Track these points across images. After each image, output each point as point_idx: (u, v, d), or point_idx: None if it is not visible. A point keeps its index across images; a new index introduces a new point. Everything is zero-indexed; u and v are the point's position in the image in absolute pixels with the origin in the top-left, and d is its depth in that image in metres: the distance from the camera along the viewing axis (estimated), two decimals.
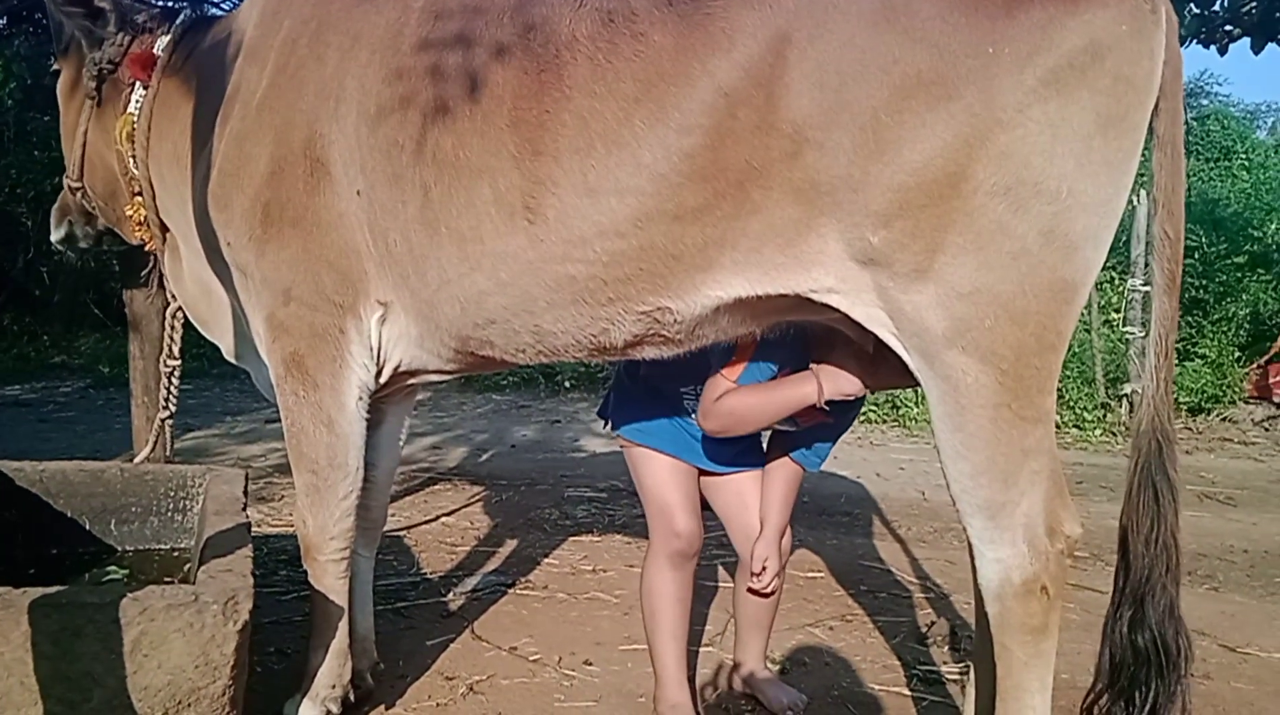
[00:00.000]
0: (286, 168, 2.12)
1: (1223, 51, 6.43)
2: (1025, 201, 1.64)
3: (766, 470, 2.49)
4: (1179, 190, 1.78)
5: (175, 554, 2.77)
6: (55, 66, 2.81)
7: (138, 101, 2.53)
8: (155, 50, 2.55)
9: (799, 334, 2.13)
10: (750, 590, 2.52)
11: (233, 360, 2.61)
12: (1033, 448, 1.73)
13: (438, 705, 2.51)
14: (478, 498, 4.97)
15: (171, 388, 2.79)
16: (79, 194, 2.76)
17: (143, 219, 2.60)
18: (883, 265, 1.73)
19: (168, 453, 3.01)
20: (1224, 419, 8.23)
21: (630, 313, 1.94)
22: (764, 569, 2.43)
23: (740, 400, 2.20)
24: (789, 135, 1.71)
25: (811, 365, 2.17)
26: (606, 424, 2.55)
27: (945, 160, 1.65)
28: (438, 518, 4.50)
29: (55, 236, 2.93)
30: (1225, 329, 8.87)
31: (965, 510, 1.80)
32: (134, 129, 2.52)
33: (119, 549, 2.77)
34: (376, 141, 2.03)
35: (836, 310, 1.83)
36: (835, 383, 2.13)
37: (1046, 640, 1.78)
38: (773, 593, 2.52)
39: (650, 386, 2.39)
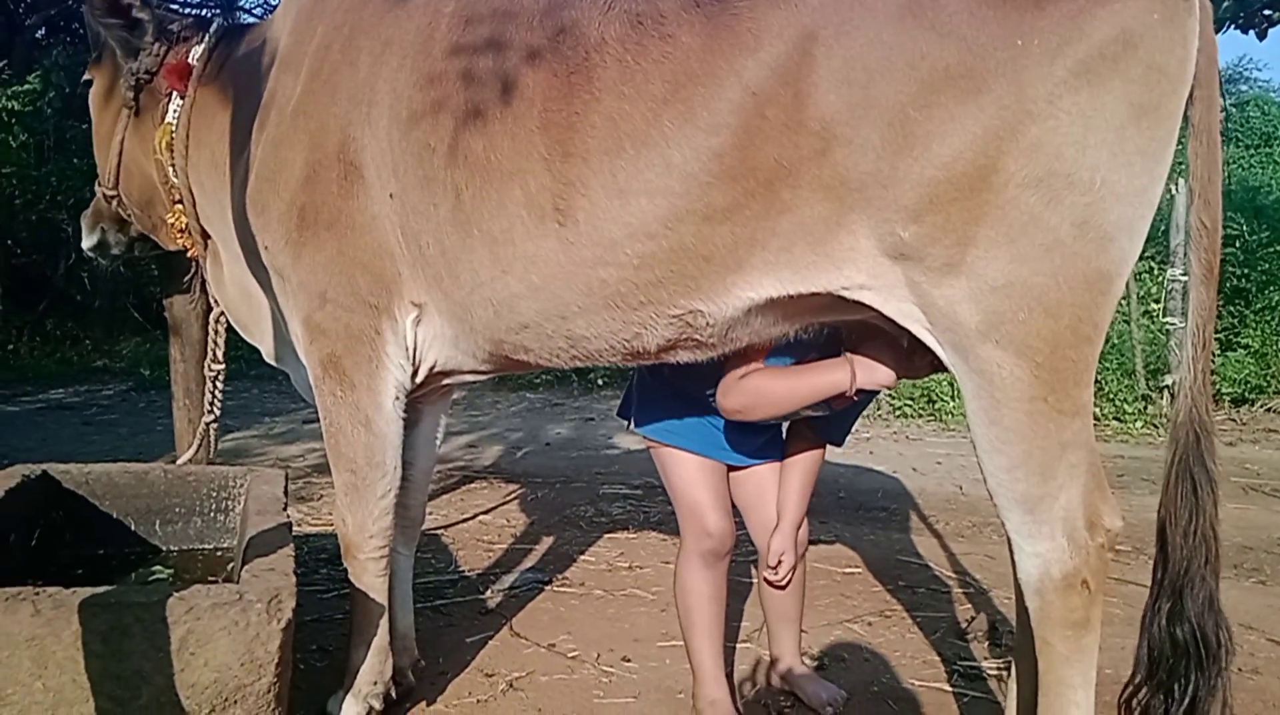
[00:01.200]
0: (321, 172, 2.15)
1: (1261, 36, 6.32)
2: (1058, 193, 1.62)
3: (784, 463, 2.49)
4: (1215, 179, 1.76)
5: (218, 554, 2.82)
6: (87, 76, 2.86)
7: (175, 111, 2.57)
8: (190, 60, 2.59)
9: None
10: (766, 582, 2.52)
11: (273, 362, 2.65)
12: (1070, 441, 1.71)
13: (478, 701, 2.53)
14: (514, 496, 5.00)
15: (216, 392, 2.83)
16: (114, 202, 2.80)
17: (184, 226, 2.65)
18: (914, 260, 1.72)
19: (211, 455, 3.05)
20: (1268, 410, 8.07)
21: (662, 316, 1.94)
22: (780, 561, 2.43)
23: (767, 381, 2.15)
24: (817, 133, 1.71)
25: (845, 353, 2.14)
26: (629, 424, 2.55)
27: (975, 154, 1.64)
28: (475, 516, 4.53)
29: (87, 243, 2.97)
30: (1268, 318, 8.69)
31: (1003, 505, 1.78)
32: (173, 138, 2.56)
33: (164, 549, 2.82)
34: (408, 145, 2.05)
35: (869, 307, 1.82)
36: (871, 373, 2.09)
37: (1088, 635, 1.76)
38: (788, 584, 2.50)
39: (673, 386, 2.39)
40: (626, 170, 1.83)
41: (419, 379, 2.26)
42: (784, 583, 2.50)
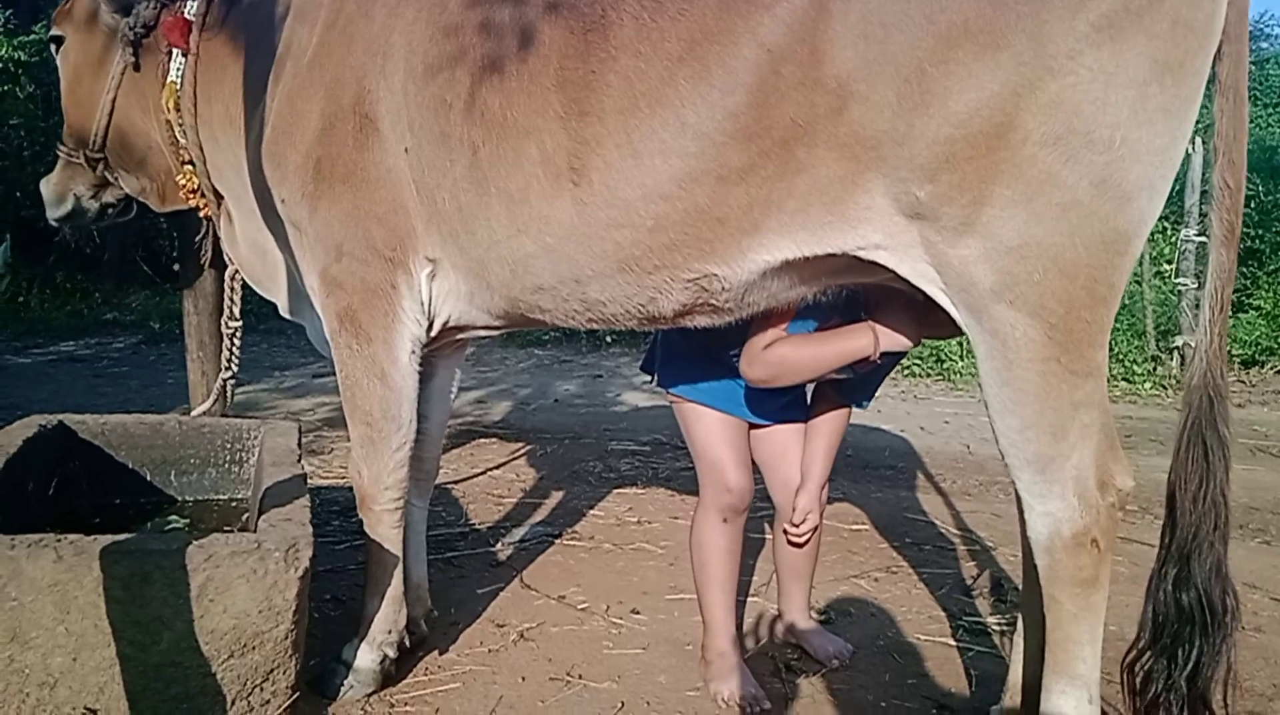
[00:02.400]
0: (337, 124, 2.14)
1: None
2: (1076, 151, 1.59)
3: (811, 423, 2.49)
4: (1241, 138, 1.72)
5: (233, 504, 2.85)
6: (55, 31, 2.74)
7: (178, 69, 2.52)
8: (186, 14, 2.53)
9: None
10: (786, 539, 2.55)
11: (288, 316, 2.65)
12: (1083, 401, 1.71)
13: (489, 651, 2.57)
14: (523, 451, 5.03)
15: (234, 349, 2.84)
16: (98, 165, 2.74)
17: (195, 187, 2.62)
18: (930, 220, 1.70)
19: (226, 410, 3.08)
20: (1278, 372, 8.06)
21: (677, 280, 1.93)
22: (804, 520, 2.45)
23: (793, 350, 2.16)
24: (833, 90, 1.68)
25: (866, 318, 2.14)
26: (652, 378, 2.56)
27: (993, 111, 1.61)
28: (486, 471, 4.57)
29: (56, 214, 2.86)
30: None
31: (1014, 464, 1.78)
32: (179, 97, 2.52)
33: (179, 499, 2.86)
34: (424, 99, 2.03)
35: (884, 268, 1.80)
36: (892, 337, 2.09)
37: (1096, 593, 1.77)
38: (806, 541, 2.53)
39: (699, 344, 2.39)
40: (641, 130, 1.82)
41: (433, 333, 2.27)
42: (804, 541, 2.52)
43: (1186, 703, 1.74)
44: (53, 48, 2.81)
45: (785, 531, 2.53)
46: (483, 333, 2.37)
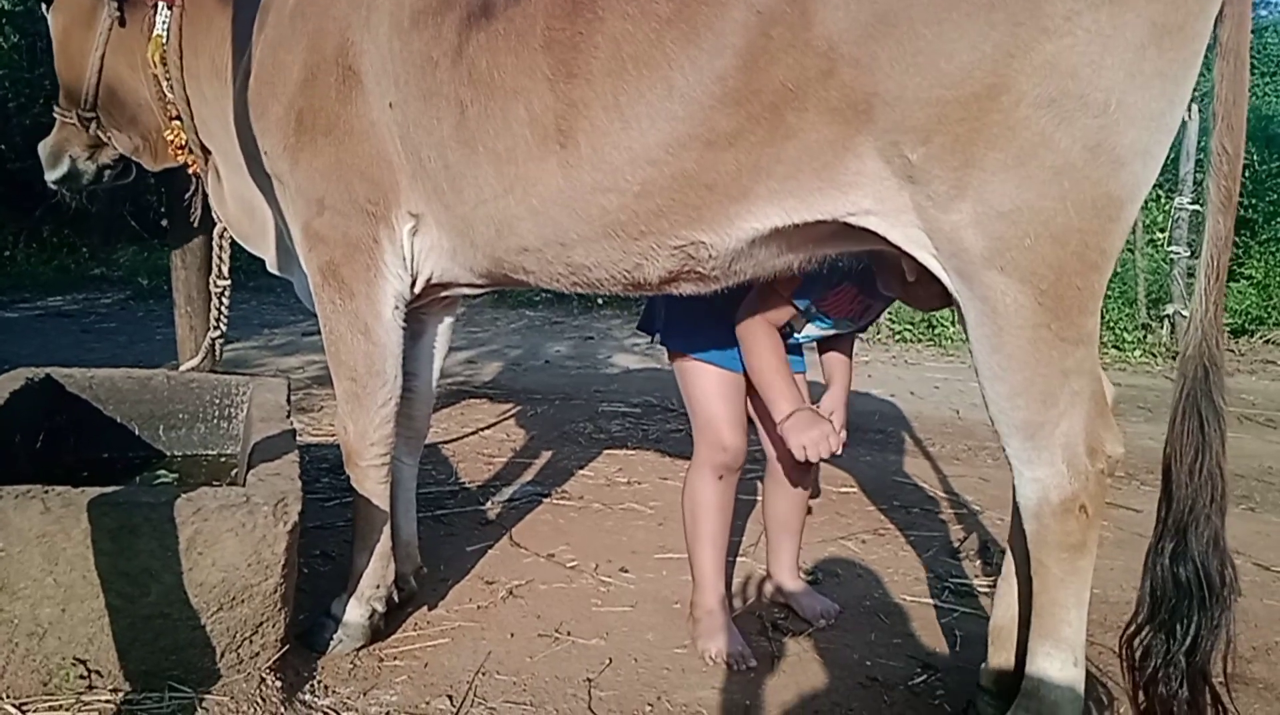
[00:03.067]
0: (319, 75, 2.11)
1: None
2: (1070, 114, 1.56)
3: (824, 342, 2.55)
4: (1241, 103, 1.69)
5: (222, 459, 2.85)
6: None
7: (164, 22, 2.50)
8: None
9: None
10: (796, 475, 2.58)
11: (276, 272, 2.63)
12: (1073, 368, 1.69)
13: (479, 607, 2.59)
14: (513, 411, 5.03)
15: (222, 307, 2.82)
16: (90, 124, 2.72)
17: (183, 142, 2.60)
18: (921, 183, 1.67)
19: (214, 367, 3.06)
20: (1267, 341, 8.10)
21: (664, 247, 1.90)
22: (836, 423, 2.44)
23: (754, 346, 2.33)
24: (824, 53, 1.65)
25: (808, 405, 2.31)
26: (652, 338, 2.56)
27: (986, 72, 1.57)
28: (477, 431, 4.57)
29: (53, 176, 2.86)
30: (1273, 250, 8.67)
31: (1003, 430, 1.76)
32: (165, 51, 2.50)
33: (167, 454, 2.86)
34: (410, 55, 2.00)
35: (874, 234, 1.78)
36: (798, 434, 2.25)
37: (1084, 558, 1.76)
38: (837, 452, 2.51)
39: (702, 300, 2.38)
40: (629, 93, 1.78)
41: (416, 290, 2.25)
42: (835, 450, 2.40)
43: (1185, 676, 1.73)
44: (44, 7, 2.79)
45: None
46: (466, 291, 2.35)
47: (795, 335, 2.45)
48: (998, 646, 2.09)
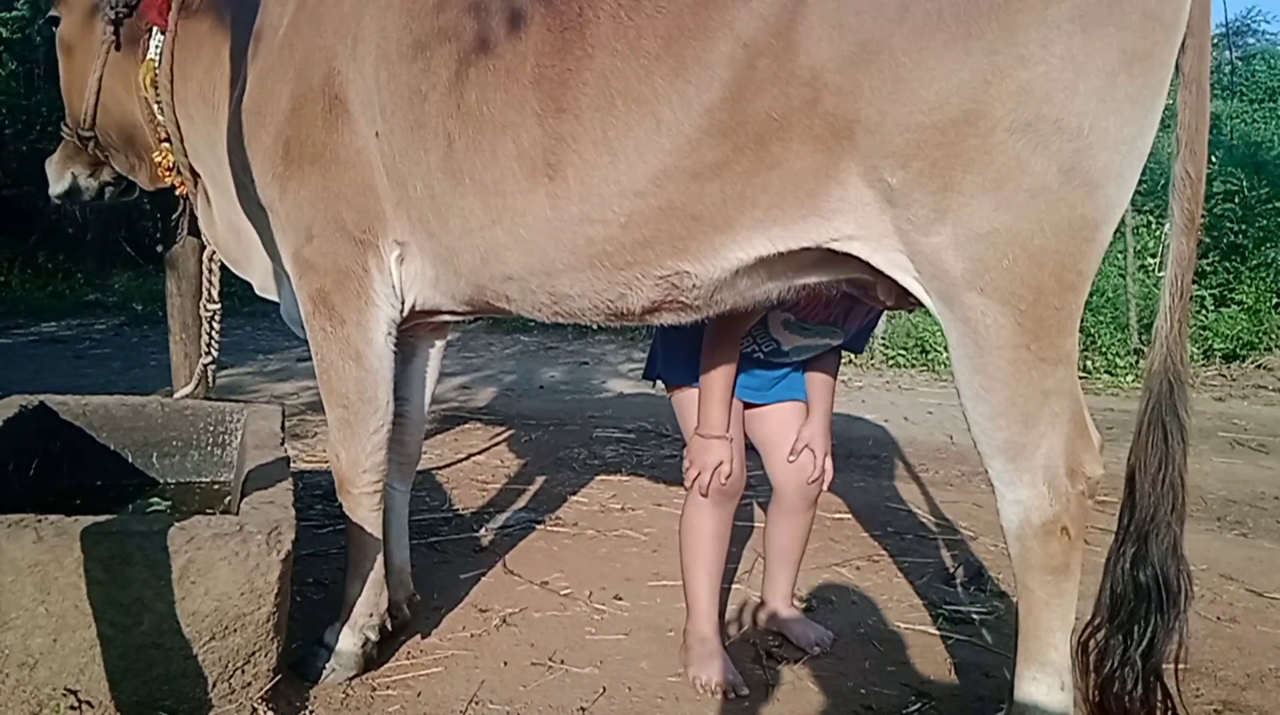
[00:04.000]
0: (306, 105, 2.14)
1: None
2: (1044, 138, 1.61)
3: (808, 365, 2.56)
4: (1203, 129, 1.76)
5: (215, 487, 2.85)
6: (53, 13, 2.81)
7: (157, 46, 2.54)
8: None
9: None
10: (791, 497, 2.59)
11: (261, 293, 2.65)
12: (1053, 389, 1.73)
13: (472, 636, 2.58)
14: (507, 437, 5.03)
15: (213, 332, 2.83)
16: (90, 143, 2.77)
17: (171, 164, 2.63)
18: (902, 207, 1.71)
19: (208, 394, 3.06)
20: (1259, 366, 8.12)
21: (648, 277, 1.93)
22: (811, 455, 2.49)
23: (707, 359, 2.35)
24: (808, 82, 1.70)
25: (724, 433, 2.36)
26: (655, 384, 2.58)
27: (963, 98, 1.62)
28: (470, 457, 4.57)
29: (56, 190, 2.92)
30: (1263, 275, 8.70)
31: (985, 452, 1.80)
32: (157, 74, 2.53)
33: (160, 481, 2.85)
34: (398, 87, 2.03)
35: (857, 259, 1.81)
36: (703, 454, 2.37)
37: (1068, 580, 1.79)
38: (820, 483, 2.54)
39: (697, 332, 2.40)
40: (617, 127, 1.82)
41: (402, 316, 2.27)
42: (820, 481, 2.53)
43: (1140, 676, 1.78)
44: (53, 29, 2.85)
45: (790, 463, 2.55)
46: (447, 317, 2.38)
47: (784, 349, 2.46)
48: None
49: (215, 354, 2.89)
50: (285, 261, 2.32)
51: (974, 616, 2.84)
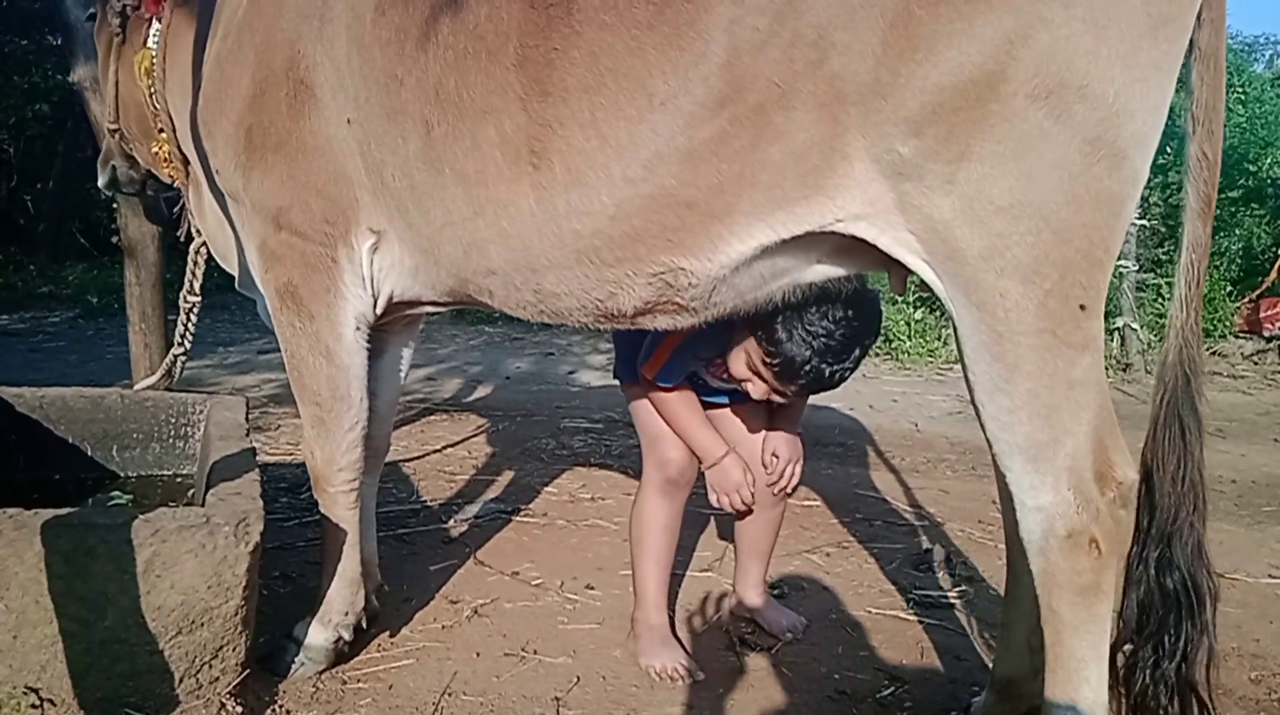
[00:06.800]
0: (268, 90, 2.05)
1: None
2: (1068, 106, 1.50)
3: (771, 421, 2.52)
4: (1219, 108, 1.64)
5: (178, 480, 2.80)
6: (91, 10, 2.82)
7: (155, 35, 2.50)
8: None
9: (724, 325, 2.07)
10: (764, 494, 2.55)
11: (240, 290, 2.59)
12: (1079, 379, 1.58)
13: (443, 627, 2.55)
14: (475, 428, 4.99)
15: (190, 324, 2.77)
16: (117, 136, 2.74)
17: (168, 154, 2.57)
18: (913, 179, 1.58)
19: (173, 385, 3.00)
20: (1214, 353, 8.29)
21: (640, 274, 1.81)
22: (783, 468, 2.47)
23: (660, 401, 2.37)
24: (813, 42, 1.57)
25: (730, 450, 2.37)
26: (621, 384, 2.56)
27: (984, 59, 1.49)
28: (438, 449, 4.53)
29: (100, 182, 2.96)
30: (1217, 263, 8.88)
31: (1002, 451, 1.64)
32: (153, 63, 2.49)
33: (121, 474, 2.80)
34: (372, 73, 1.93)
35: (863, 241, 1.69)
36: (722, 476, 2.36)
37: (1100, 602, 1.61)
38: (788, 491, 2.53)
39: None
40: (606, 107, 1.70)
41: (379, 309, 2.19)
42: (788, 489, 2.51)
43: (1176, 691, 1.65)
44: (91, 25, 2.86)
45: (768, 480, 2.51)
46: (428, 309, 2.31)
47: (712, 385, 2.46)
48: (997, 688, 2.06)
49: (188, 346, 2.83)
50: (250, 254, 2.24)
51: (944, 601, 2.86)
